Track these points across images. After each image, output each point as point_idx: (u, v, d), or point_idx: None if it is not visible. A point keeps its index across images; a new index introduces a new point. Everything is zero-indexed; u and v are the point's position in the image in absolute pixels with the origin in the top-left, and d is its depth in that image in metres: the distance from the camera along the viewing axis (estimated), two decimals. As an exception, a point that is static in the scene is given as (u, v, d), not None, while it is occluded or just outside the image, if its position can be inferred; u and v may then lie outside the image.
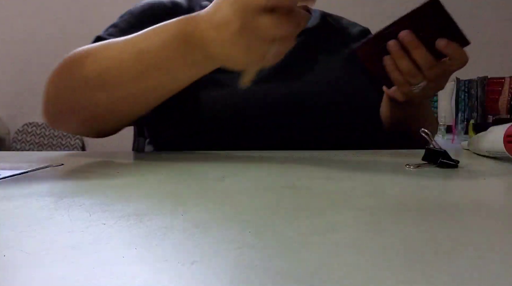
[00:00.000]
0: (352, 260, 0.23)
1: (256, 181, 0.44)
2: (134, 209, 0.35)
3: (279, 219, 0.30)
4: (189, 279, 0.21)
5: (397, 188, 0.40)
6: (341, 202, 0.34)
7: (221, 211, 0.33)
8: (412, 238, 0.26)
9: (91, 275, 0.22)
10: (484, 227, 0.28)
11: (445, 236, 0.26)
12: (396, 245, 0.25)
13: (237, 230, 0.28)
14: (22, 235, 0.29)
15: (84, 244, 0.27)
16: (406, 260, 0.23)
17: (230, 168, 0.51)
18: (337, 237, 0.26)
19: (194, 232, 0.28)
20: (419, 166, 0.48)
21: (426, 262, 0.22)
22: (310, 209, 0.33)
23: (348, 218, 0.30)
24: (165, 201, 0.37)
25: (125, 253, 0.25)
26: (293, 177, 0.46)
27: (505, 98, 1.24)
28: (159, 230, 0.30)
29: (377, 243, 0.25)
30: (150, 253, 0.25)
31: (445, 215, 0.31)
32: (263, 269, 0.22)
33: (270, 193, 0.39)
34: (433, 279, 0.20)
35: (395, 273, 0.21)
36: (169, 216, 0.33)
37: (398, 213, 0.32)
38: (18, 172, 0.51)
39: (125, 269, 0.23)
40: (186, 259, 0.23)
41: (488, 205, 0.34)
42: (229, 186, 0.42)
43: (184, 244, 0.26)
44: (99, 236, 0.28)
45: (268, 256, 0.23)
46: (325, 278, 0.21)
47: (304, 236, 0.27)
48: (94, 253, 0.25)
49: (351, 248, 0.24)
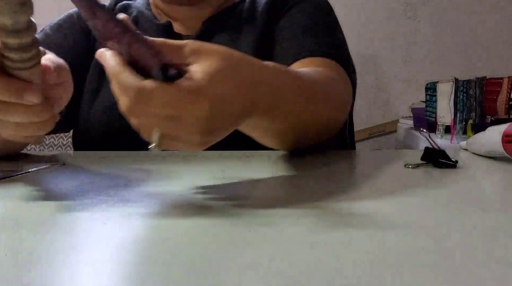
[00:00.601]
0: (352, 259, 0.23)
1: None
2: (134, 208, 0.35)
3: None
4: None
5: (396, 186, 0.40)
6: (340, 201, 0.35)
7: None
8: (411, 237, 0.26)
9: (92, 274, 0.22)
10: (482, 226, 0.28)
11: (445, 234, 0.26)
12: (394, 243, 0.25)
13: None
14: (23, 234, 0.29)
15: (85, 244, 0.27)
16: (405, 260, 0.23)
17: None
18: (336, 236, 0.26)
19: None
20: (418, 166, 0.48)
21: (425, 260, 0.22)
22: (310, 208, 0.33)
23: (348, 217, 0.31)
24: (168, 200, 0.37)
25: (125, 252, 0.25)
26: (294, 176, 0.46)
27: (503, 98, 1.24)
28: (160, 229, 0.30)
29: (377, 242, 0.25)
30: (151, 252, 0.25)
31: (443, 214, 0.31)
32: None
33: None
34: (433, 278, 0.20)
35: (394, 272, 0.21)
36: (169, 214, 0.33)
37: (397, 212, 0.32)
38: (19, 172, 0.51)
39: (126, 268, 0.23)
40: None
41: (486, 204, 0.34)
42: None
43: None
44: (100, 235, 0.29)
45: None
46: (323, 277, 0.21)
47: (302, 236, 0.27)
48: (95, 252, 0.25)
49: (351, 248, 0.25)
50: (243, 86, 0.37)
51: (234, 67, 0.36)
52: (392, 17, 2.03)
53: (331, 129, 0.60)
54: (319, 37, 0.71)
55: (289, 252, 0.24)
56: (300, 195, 0.37)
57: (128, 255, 0.25)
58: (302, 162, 0.54)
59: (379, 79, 2.06)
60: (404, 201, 0.35)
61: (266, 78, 0.41)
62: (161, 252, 0.25)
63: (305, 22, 0.74)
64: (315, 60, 0.67)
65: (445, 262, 0.22)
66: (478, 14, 1.98)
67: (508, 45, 1.98)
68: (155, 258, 0.24)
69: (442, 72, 1.92)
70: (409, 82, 2.04)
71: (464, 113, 1.29)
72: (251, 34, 0.75)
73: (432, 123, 1.44)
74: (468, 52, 1.98)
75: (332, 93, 0.57)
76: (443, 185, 0.42)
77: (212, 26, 0.77)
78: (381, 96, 2.07)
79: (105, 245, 0.27)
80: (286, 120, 0.46)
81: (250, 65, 0.39)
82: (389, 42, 2.04)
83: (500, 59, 1.97)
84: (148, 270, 0.22)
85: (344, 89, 0.63)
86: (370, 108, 2.05)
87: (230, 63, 0.36)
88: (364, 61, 2.01)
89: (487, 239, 0.26)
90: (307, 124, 0.51)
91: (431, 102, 1.48)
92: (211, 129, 0.36)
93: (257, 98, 0.39)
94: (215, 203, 0.36)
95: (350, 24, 1.88)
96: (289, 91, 0.44)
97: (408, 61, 2.04)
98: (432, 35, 2.01)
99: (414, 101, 1.86)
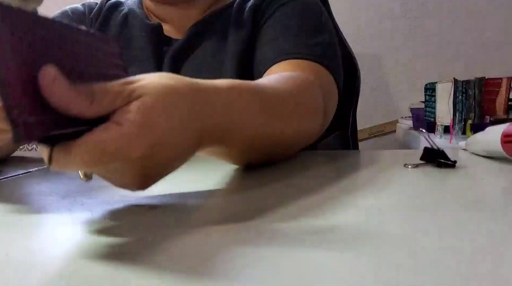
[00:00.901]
0: (351, 260, 0.23)
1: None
2: (135, 208, 0.35)
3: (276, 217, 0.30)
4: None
5: (395, 187, 0.41)
6: (340, 200, 0.35)
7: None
8: (410, 237, 0.26)
9: (92, 274, 0.22)
10: (481, 226, 0.28)
11: (443, 235, 0.27)
12: (394, 244, 0.25)
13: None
14: (24, 234, 0.29)
15: (85, 243, 0.27)
16: (404, 259, 0.23)
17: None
18: (336, 236, 0.27)
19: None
20: (417, 166, 0.48)
21: (424, 260, 0.22)
22: (310, 208, 0.33)
23: (348, 217, 0.31)
24: (167, 197, 0.37)
25: (126, 252, 0.26)
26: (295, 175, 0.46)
27: (503, 98, 1.24)
28: (161, 228, 0.30)
29: (376, 242, 0.26)
30: (150, 251, 0.25)
31: (443, 214, 0.31)
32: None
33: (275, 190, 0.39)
34: (433, 278, 0.20)
35: (394, 272, 0.21)
36: (169, 214, 0.33)
37: (397, 211, 0.32)
38: (20, 172, 0.51)
39: (126, 267, 0.23)
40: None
41: (485, 204, 0.34)
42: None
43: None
44: (101, 235, 0.29)
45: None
46: (324, 276, 0.21)
47: (301, 236, 0.27)
48: (95, 252, 0.26)
49: (349, 248, 0.25)
50: (186, 119, 0.33)
51: (170, 103, 0.31)
52: (392, 17, 2.04)
53: (304, 140, 0.56)
54: (300, 39, 0.70)
55: (289, 252, 0.24)
56: (300, 195, 0.37)
57: (122, 256, 0.25)
58: (302, 162, 0.54)
59: (379, 79, 2.06)
60: (404, 201, 0.35)
61: (216, 103, 0.37)
62: (160, 252, 0.25)
63: (287, 24, 0.72)
64: (293, 63, 0.66)
65: (444, 262, 0.22)
66: (478, 14, 1.98)
67: (507, 45, 1.98)
68: (149, 260, 0.24)
69: (442, 73, 1.92)
70: (408, 82, 2.04)
71: (463, 113, 1.29)
72: (237, 38, 0.74)
73: (431, 124, 1.45)
74: (468, 52, 1.98)
75: (303, 102, 0.54)
76: (443, 185, 0.42)
77: (201, 29, 0.76)
78: (381, 96, 2.07)
79: (106, 244, 0.27)
80: (243, 142, 0.43)
81: (195, 93, 0.35)
82: (389, 42, 2.04)
83: (500, 59, 1.98)
84: (149, 269, 0.22)
85: (318, 94, 0.59)
86: (369, 109, 2.05)
87: (165, 100, 0.31)
88: (364, 61, 2.01)
89: (487, 239, 0.26)
90: (273, 141, 0.48)
91: (430, 103, 1.48)
92: (149, 175, 0.32)
93: (206, 128, 0.35)
94: (214, 203, 0.36)
95: (350, 24, 1.88)
96: (247, 111, 0.41)
97: (408, 61, 2.04)
98: (432, 35, 2.01)
99: (413, 101, 1.86)
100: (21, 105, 0.25)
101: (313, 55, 0.67)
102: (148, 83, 0.31)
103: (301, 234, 0.27)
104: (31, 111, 0.25)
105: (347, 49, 1.03)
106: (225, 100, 0.38)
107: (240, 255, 0.24)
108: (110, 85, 0.29)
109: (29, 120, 0.25)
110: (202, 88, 0.36)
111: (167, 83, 0.32)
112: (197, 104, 0.34)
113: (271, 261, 0.23)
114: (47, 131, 0.26)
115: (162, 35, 0.76)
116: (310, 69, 0.64)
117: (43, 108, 0.26)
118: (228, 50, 0.74)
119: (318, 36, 0.72)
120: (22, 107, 0.25)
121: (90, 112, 0.28)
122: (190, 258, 0.24)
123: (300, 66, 0.65)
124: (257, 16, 0.75)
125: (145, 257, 0.24)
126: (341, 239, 0.26)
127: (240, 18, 0.76)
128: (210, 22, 0.77)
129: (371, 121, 2.06)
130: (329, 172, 0.51)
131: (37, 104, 0.26)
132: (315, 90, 0.58)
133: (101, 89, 0.28)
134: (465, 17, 1.98)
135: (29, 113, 0.25)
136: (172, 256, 0.24)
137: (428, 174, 0.46)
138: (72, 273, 0.22)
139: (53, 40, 0.28)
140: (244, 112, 0.41)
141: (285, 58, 0.67)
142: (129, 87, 0.30)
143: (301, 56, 0.66)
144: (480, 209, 0.32)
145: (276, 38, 0.71)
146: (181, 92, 0.33)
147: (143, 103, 0.29)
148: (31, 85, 0.26)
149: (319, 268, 0.22)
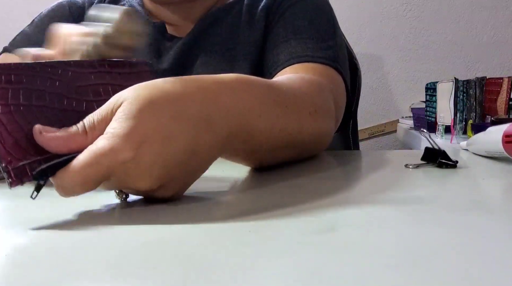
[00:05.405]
0: (351, 260, 0.23)
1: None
2: (136, 207, 0.35)
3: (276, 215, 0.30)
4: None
5: (396, 187, 0.40)
6: (340, 200, 0.35)
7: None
8: (411, 237, 0.26)
9: (93, 274, 0.22)
10: (482, 226, 0.28)
11: (445, 235, 0.26)
12: (394, 244, 0.25)
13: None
14: (24, 234, 0.29)
15: (86, 243, 0.27)
16: (404, 259, 0.23)
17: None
18: (335, 236, 0.26)
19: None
20: (418, 166, 0.48)
21: (425, 261, 0.22)
22: (310, 208, 0.33)
23: (348, 217, 0.31)
24: (167, 200, 0.37)
25: (127, 251, 0.25)
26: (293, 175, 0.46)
27: (504, 98, 1.24)
28: (157, 230, 0.30)
29: (376, 243, 0.25)
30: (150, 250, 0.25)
31: (444, 214, 0.31)
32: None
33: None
34: (433, 278, 0.20)
35: (394, 273, 0.21)
36: (168, 214, 0.33)
37: (398, 212, 0.32)
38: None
39: (127, 267, 0.23)
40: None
41: (486, 204, 0.34)
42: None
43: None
44: (101, 234, 0.29)
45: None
46: (325, 277, 0.21)
47: (301, 236, 0.27)
48: (96, 252, 0.25)
49: (349, 248, 0.25)
50: (183, 111, 0.33)
51: (167, 102, 0.33)
52: (392, 17, 2.03)
53: (320, 140, 0.54)
54: (312, 41, 0.69)
55: (288, 252, 0.24)
56: (300, 194, 0.37)
57: (125, 255, 0.25)
58: (302, 162, 0.54)
59: (379, 79, 2.06)
60: (405, 201, 0.35)
61: (222, 92, 0.37)
62: (158, 253, 0.25)
63: (299, 25, 0.71)
64: (305, 66, 0.65)
65: (445, 262, 0.22)
66: (478, 14, 1.98)
67: (508, 45, 1.98)
68: (153, 259, 0.24)
69: (442, 72, 1.92)
70: (409, 82, 2.04)
71: (464, 113, 1.29)
72: (250, 40, 0.73)
73: (432, 124, 1.44)
74: (468, 52, 1.98)
75: (318, 103, 0.53)
76: (444, 185, 0.42)
77: (206, 26, 0.75)
78: (381, 96, 2.07)
79: (106, 243, 0.27)
80: (260, 132, 0.41)
81: (188, 82, 0.35)
82: (389, 42, 2.04)
83: (500, 59, 1.97)
84: (152, 268, 0.22)
85: (330, 98, 0.57)
86: (370, 108, 2.05)
87: (145, 98, 0.32)
88: (364, 61, 2.01)
89: (489, 240, 0.26)
90: (290, 139, 0.46)
91: (431, 102, 1.48)
92: (162, 175, 0.33)
93: (212, 115, 0.35)
94: (214, 203, 0.36)
95: (350, 24, 1.88)
96: (259, 100, 0.41)
97: (408, 61, 2.04)
98: (432, 35, 2.01)
99: (414, 101, 1.85)
100: (10, 155, 0.28)
101: (326, 59, 0.66)
102: (129, 90, 0.33)
103: (301, 234, 0.27)
104: (23, 157, 0.29)
105: (347, 48, 1.03)
106: (230, 89, 0.39)
107: (240, 255, 0.24)
108: (98, 112, 0.33)
109: (19, 166, 0.29)
110: (199, 79, 0.37)
111: (147, 85, 0.34)
112: (198, 94, 0.35)
113: (271, 261, 0.22)
114: (38, 167, 0.29)
115: (166, 34, 0.76)
116: (322, 73, 0.64)
117: (35, 151, 0.30)
118: (239, 50, 0.73)
119: (329, 38, 0.71)
120: (12, 157, 0.28)
121: (88, 143, 0.31)
122: (190, 257, 0.24)
123: (312, 70, 0.64)
124: (269, 17, 0.74)
125: (144, 256, 0.24)
126: (341, 239, 0.26)
127: (252, 19, 0.75)
128: (218, 17, 0.76)
129: (371, 121, 2.06)
130: (330, 172, 0.51)
131: (29, 149, 0.30)
132: (327, 94, 0.58)
133: (89, 120, 0.32)
134: (466, 16, 1.98)
135: (19, 160, 0.29)
136: (171, 254, 0.24)
137: (429, 174, 0.46)
138: (73, 269, 0.22)
139: (41, 84, 0.32)
140: (257, 101, 0.41)
141: (297, 61, 0.66)
142: (113, 101, 0.33)
143: (313, 60, 0.66)
144: (481, 209, 0.32)
145: (288, 40, 0.70)
146: (164, 88, 0.34)
147: (123, 109, 0.32)
148: (22, 132, 0.29)
149: (319, 268, 0.21)
